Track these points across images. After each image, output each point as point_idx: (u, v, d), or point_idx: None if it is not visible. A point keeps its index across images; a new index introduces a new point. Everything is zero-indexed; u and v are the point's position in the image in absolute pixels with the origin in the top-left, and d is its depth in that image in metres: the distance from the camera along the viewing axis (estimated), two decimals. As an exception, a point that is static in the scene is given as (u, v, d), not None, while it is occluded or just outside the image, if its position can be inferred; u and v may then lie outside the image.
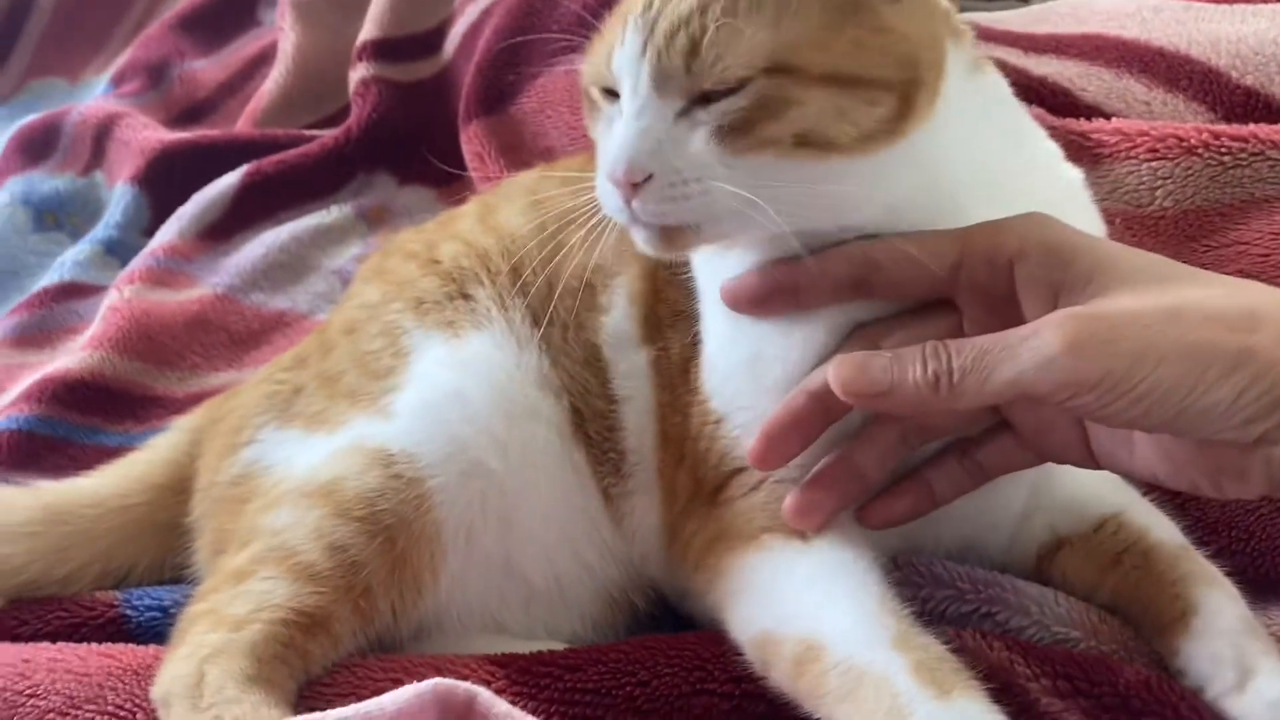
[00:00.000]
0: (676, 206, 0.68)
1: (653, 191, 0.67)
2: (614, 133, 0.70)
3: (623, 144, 0.68)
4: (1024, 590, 0.78)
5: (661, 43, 0.67)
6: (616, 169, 0.67)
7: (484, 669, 0.75)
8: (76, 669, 0.77)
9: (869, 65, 0.67)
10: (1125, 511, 0.80)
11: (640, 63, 0.68)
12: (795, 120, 0.66)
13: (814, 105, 0.66)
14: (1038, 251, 0.68)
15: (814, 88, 0.66)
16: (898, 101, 0.68)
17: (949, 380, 0.64)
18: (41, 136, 1.75)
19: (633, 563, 0.86)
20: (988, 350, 0.64)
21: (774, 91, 0.65)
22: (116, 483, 0.95)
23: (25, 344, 1.38)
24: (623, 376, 0.85)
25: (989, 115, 0.76)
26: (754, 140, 0.66)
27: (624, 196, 0.68)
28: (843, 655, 0.66)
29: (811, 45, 0.66)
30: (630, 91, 0.69)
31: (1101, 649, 0.74)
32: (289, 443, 0.86)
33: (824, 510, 0.74)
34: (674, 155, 0.67)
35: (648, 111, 0.68)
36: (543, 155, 1.45)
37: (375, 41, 1.69)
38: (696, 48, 0.66)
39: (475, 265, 0.90)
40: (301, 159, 1.58)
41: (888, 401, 0.67)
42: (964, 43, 0.76)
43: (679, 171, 0.67)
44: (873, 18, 0.67)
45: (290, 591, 0.76)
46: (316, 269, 1.45)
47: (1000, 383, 0.63)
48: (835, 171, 0.68)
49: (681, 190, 0.67)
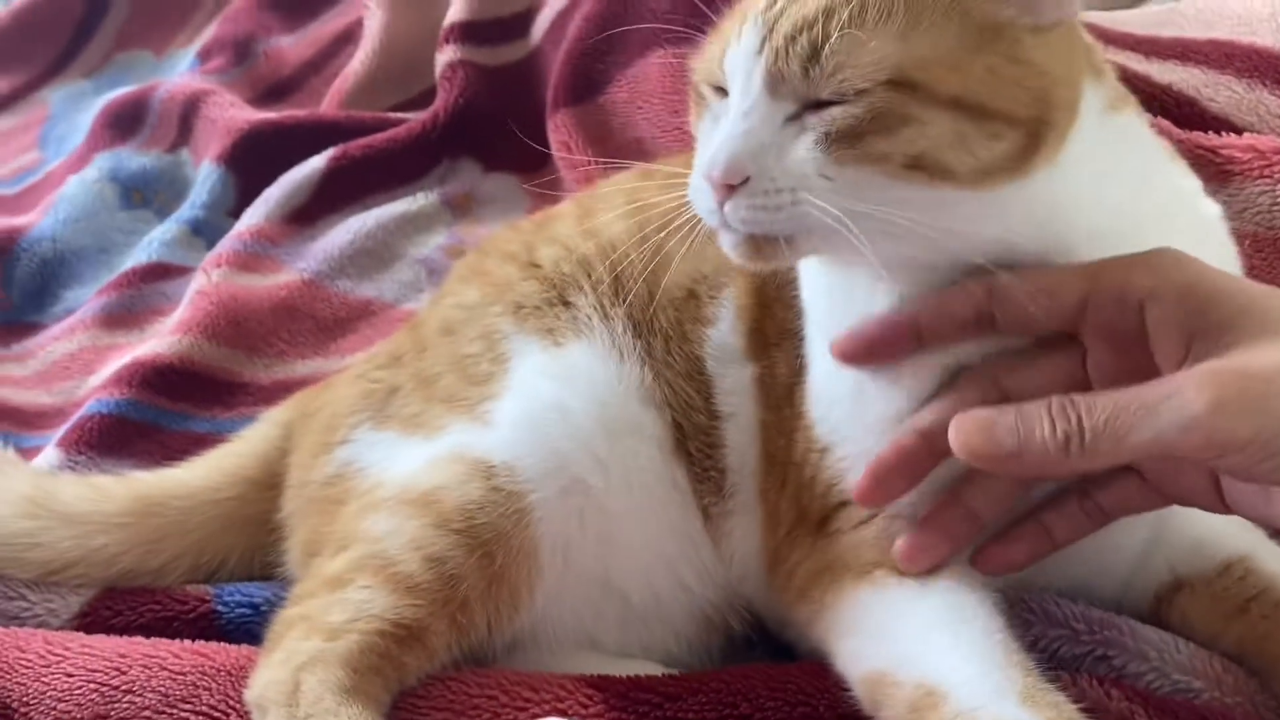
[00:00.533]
0: (767, 216, 0.64)
1: (745, 197, 0.64)
2: (717, 131, 0.67)
3: (724, 143, 0.64)
4: (1142, 634, 0.74)
5: (780, 44, 0.63)
6: (714, 168, 0.64)
7: (582, 691, 0.73)
8: (171, 667, 0.77)
9: (999, 97, 0.63)
10: (1253, 555, 0.76)
11: (755, 61, 0.64)
12: (911, 140, 0.62)
13: (934, 127, 0.62)
14: (1173, 293, 0.64)
15: (936, 108, 0.62)
16: (1024, 139, 0.63)
17: (1080, 441, 0.61)
18: (130, 112, 1.76)
19: (730, 585, 0.84)
20: (1123, 409, 0.60)
21: (892, 105, 0.62)
22: (208, 475, 0.95)
23: (114, 324, 1.39)
24: (726, 392, 0.83)
25: (1122, 160, 0.71)
26: (861, 153, 0.62)
27: (717, 198, 0.65)
28: (966, 705, 0.63)
29: (942, 64, 0.62)
30: (741, 91, 0.65)
31: (1225, 701, 0.71)
32: (384, 444, 0.85)
33: (937, 554, 0.71)
34: (774, 162, 0.64)
35: (756, 112, 0.64)
36: (631, 147, 1.42)
37: (462, 24, 1.67)
38: (816, 54, 0.62)
39: (576, 271, 0.88)
40: (388, 144, 1.57)
41: (1015, 465, 0.64)
42: (1104, 81, 0.71)
43: (774, 180, 0.63)
44: (1013, 47, 0.63)
45: (388, 603, 0.75)
46: (402, 257, 1.44)
47: (1138, 444, 0.60)
48: (945, 201, 0.63)
49: (774, 200, 0.63)
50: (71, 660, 0.78)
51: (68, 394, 1.29)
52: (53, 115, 1.95)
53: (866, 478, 0.71)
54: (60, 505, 0.89)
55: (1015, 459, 0.63)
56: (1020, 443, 0.62)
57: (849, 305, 0.73)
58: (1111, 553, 0.78)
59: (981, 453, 0.63)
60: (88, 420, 1.14)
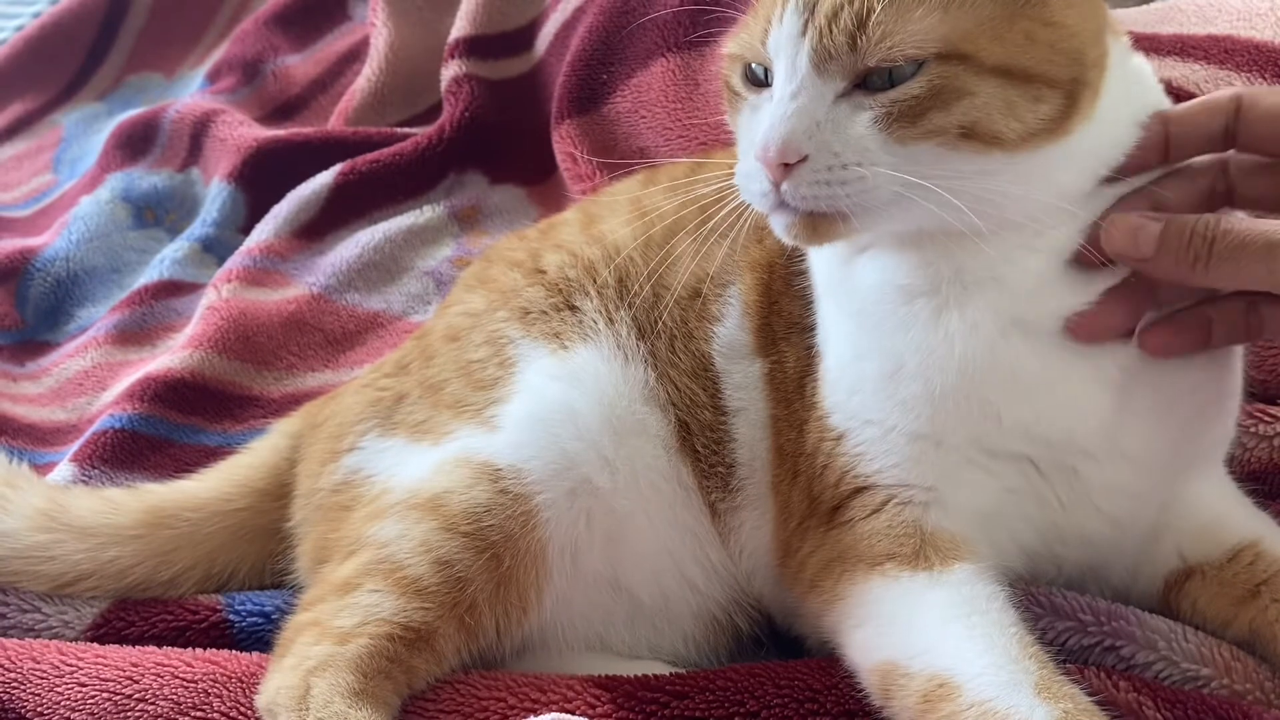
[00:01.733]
0: (832, 191, 0.65)
1: (807, 174, 0.65)
2: (765, 113, 0.67)
3: (776, 123, 0.65)
4: (1150, 624, 0.74)
5: (824, 23, 0.64)
6: (769, 149, 0.65)
7: (589, 691, 0.74)
8: (183, 675, 0.78)
9: (1039, 60, 0.65)
10: (1262, 541, 0.76)
11: (800, 42, 0.65)
12: (965, 110, 0.63)
13: (984, 96, 0.63)
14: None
15: (986, 78, 0.64)
16: (1064, 99, 0.65)
17: (1205, 262, 0.68)
18: (141, 133, 1.78)
19: (738, 582, 0.84)
20: (1249, 241, 0.67)
21: (947, 79, 0.63)
22: (218, 486, 0.96)
23: (126, 341, 1.40)
24: (735, 388, 0.83)
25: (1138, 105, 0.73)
26: (922, 130, 0.64)
27: (773, 179, 0.65)
28: (981, 696, 0.63)
29: (986, 34, 0.63)
30: (787, 72, 0.66)
31: (1235, 689, 0.71)
32: (392, 451, 0.86)
33: (1112, 322, 0.72)
34: (833, 138, 0.64)
35: (806, 91, 0.65)
36: (636, 156, 1.43)
37: (467, 39, 1.68)
38: (863, 25, 0.63)
39: (581, 276, 0.88)
40: (395, 158, 1.58)
41: (1150, 269, 0.70)
42: (1120, 39, 0.73)
43: (838, 155, 0.64)
44: (1043, 10, 0.65)
45: (396, 606, 0.75)
46: (410, 269, 1.45)
47: (1252, 276, 0.67)
48: (995, 166, 0.65)
49: (840, 175, 0.64)
50: (85, 670, 0.79)
51: (81, 410, 1.30)
52: (66, 138, 1.97)
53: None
54: (73, 518, 0.90)
55: (1150, 264, 0.69)
56: (1157, 251, 0.68)
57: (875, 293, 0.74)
58: (1119, 533, 0.77)
59: (1123, 252, 0.69)
60: (100, 435, 1.15)
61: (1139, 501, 0.76)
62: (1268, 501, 0.84)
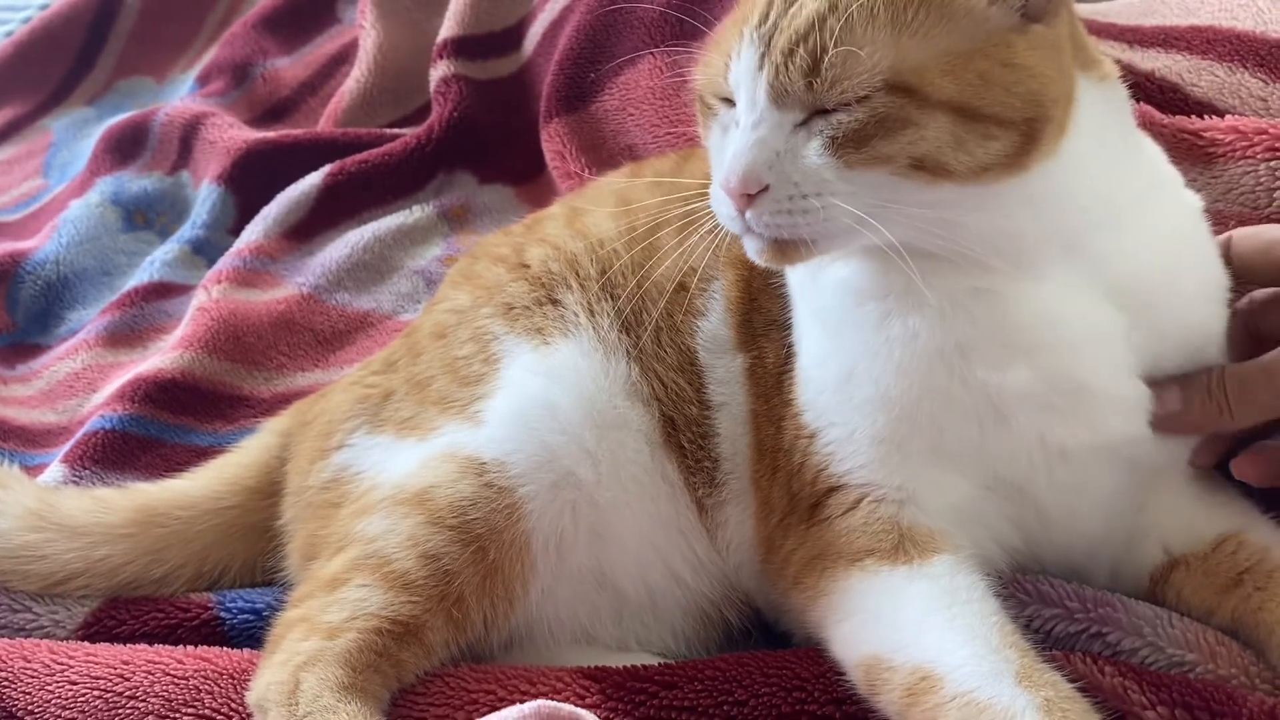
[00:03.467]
0: (793, 220, 0.66)
1: (769, 203, 0.66)
2: (730, 142, 0.68)
3: (738, 154, 0.66)
4: (1136, 610, 0.75)
5: (780, 60, 0.65)
6: (731, 179, 0.66)
7: (578, 682, 0.74)
8: (174, 672, 0.78)
9: (992, 101, 0.64)
10: (1245, 530, 0.77)
11: (757, 77, 0.66)
12: (911, 142, 0.64)
13: (931, 129, 0.64)
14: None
15: (933, 112, 0.64)
16: (1018, 139, 0.65)
17: (1229, 412, 0.74)
18: (130, 136, 1.78)
19: (726, 576, 0.85)
20: (1250, 378, 0.74)
21: (891, 110, 0.63)
22: (209, 485, 0.96)
23: (117, 343, 1.40)
24: (718, 382, 0.84)
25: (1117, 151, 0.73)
26: (868, 155, 0.64)
27: (737, 207, 0.67)
28: (963, 688, 0.64)
29: (935, 68, 0.63)
30: (747, 104, 0.67)
31: (1220, 674, 0.71)
32: (380, 448, 0.86)
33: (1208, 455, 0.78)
34: (792, 168, 0.65)
35: (765, 123, 0.66)
36: (624, 154, 1.43)
37: (455, 39, 1.69)
38: (816, 67, 0.64)
39: (564, 270, 0.89)
40: (383, 158, 1.59)
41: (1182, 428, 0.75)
42: (1094, 72, 0.72)
43: (797, 185, 0.65)
44: (1004, 51, 0.64)
45: (384, 600, 0.76)
46: (400, 269, 1.45)
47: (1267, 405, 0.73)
48: (946, 197, 0.65)
49: (800, 204, 0.65)
50: (75, 668, 0.79)
51: (72, 412, 1.30)
52: (55, 142, 1.97)
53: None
54: (63, 517, 0.90)
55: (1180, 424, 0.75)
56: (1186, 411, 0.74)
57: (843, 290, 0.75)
58: (1099, 537, 0.78)
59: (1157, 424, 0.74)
60: (91, 436, 1.15)
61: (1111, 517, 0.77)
62: (1252, 490, 0.84)
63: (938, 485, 0.75)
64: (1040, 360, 0.71)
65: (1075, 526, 0.78)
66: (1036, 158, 0.66)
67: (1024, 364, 0.71)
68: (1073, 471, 0.74)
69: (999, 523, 0.77)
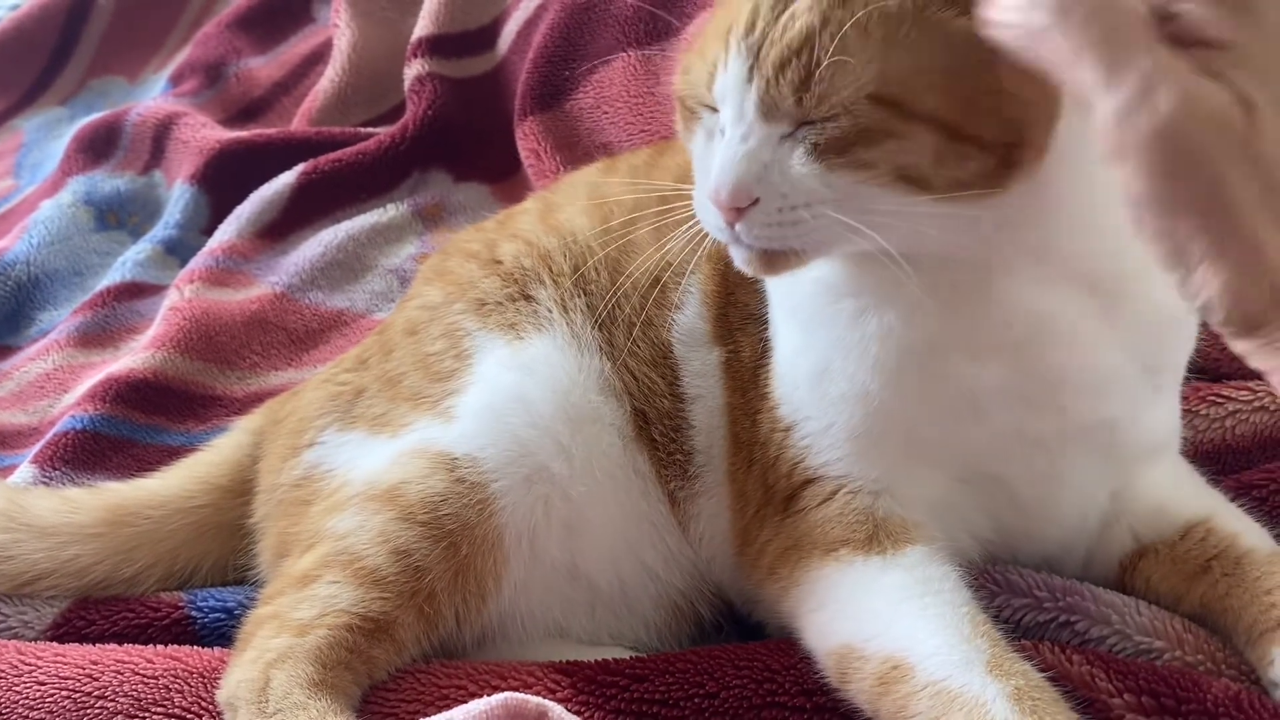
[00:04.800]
0: (783, 232, 0.66)
1: (758, 216, 0.65)
2: (717, 153, 0.67)
3: (727, 166, 0.65)
4: (1104, 598, 0.75)
5: (770, 74, 0.64)
6: (721, 193, 0.65)
7: (550, 677, 0.74)
8: (144, 671, 0.78)
9: (973, 123, 0.64)
10: (1213, 517, 0.77)
11: (746, 89, 0.65)
12: (892, 153, 0.63)
13: (913, 142, 0.63)
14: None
15: (915, 125, 0.63)
16: (996, 161, 0.65)
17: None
18: (103, 136, 1.76)
19: (699, 569, 0.85)
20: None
21: (874, 121, 0.63)
22: (180, 484, 0.95)
23: (88, 343, 1.39)
24: (693, 375, 0.84)
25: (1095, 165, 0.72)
26: (849, 161, 0.64)
27: (726, 219, 0.66)
28: (933, 677, 0.64)
29: (923, 84, 0.63)
30: (734, 116, 0.66)
31: (1187, 660, 0.72)
32: (351, 445, 0.86)
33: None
34: (780, 180, 0.65)
35: (754, 135, 0.65)
36: (599, 151, 1.43)
37: (430, 38, 1.68)
38: (807, 82, 0.63)
39: (537, 265, 0.89)
40: (357, 157, 1.58)
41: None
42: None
43: (786, 198, 0.65)
44: (989, 75, 0.63)
45: (355, 596, 0.76)
46: (374, 268, 1.45)
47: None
48: (930, 208, 0.65)
49: (790, 216, 0.65)
50: (44, 669, 0.78)
51: (43, 413, 1.29)
52: (27, 143, 1.95)
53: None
54: (32, 518, 0.90)
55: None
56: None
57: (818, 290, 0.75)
58: (1072, 528, 0.79)
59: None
60: (62, 437, 1.14)
61: (1086, 506, 0.78)
62: (1221, 477, 0.85)
63: (913, 478, 0.76)
64: (1016, 353, 0.71)
65: (1051, 515, 0.78)
66: (1015, 178, 0.65)
67: (1000, 358, 0.71)
68: (1049, 461, 0.75)
69: (974, 514, 0.77)
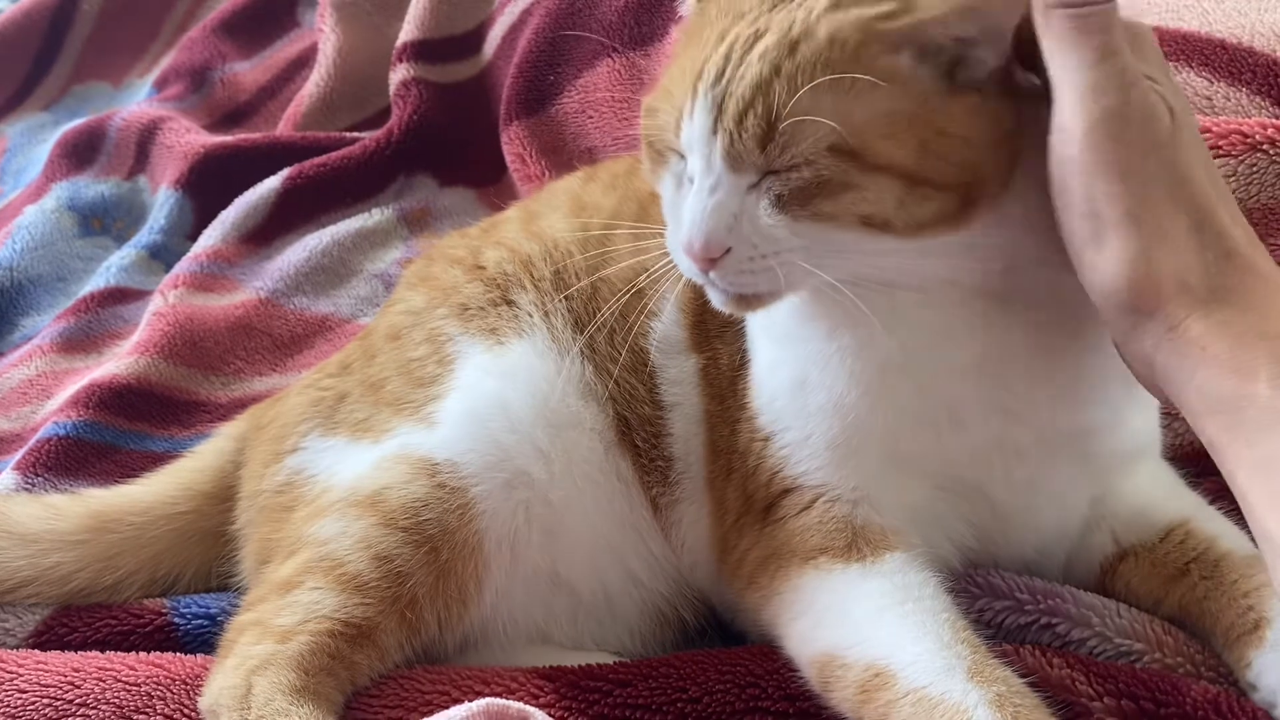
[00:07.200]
0: (755, 279, 0.67)
1: (731, 264, 0.67)
2: (688, 204, 0.68)
3: (699, 219, 0.66)
4: (1084, 601, 0.76)
5: (732, 126, 0.65)
6: (694, 244, 0.67)
7: (533, 682, 0.74)
8: (126, 678, 0.77)
9: (928, 167, 0.64)
10: (1192, 520, 0.78)
11: (712, 142, 0.66)
12: (853, 203, 0.64)
13: (873, 191, 0.64)
14: None
15: (874, 174, 0.64)
16: (955, 200, 0.65)
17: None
18: (86, 141, 1.76)
19: (681, 575, 0.85)
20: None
21: (833, 173, 0.64)
22: (163, 490, 0.95)
23: (72, 349, 1.38)
24: (670, 382, 0.84)
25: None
26: (811, 212, 0.65)
27: (700, 269, 0.68)
28: (915, 684, 0.65)
29: (876, 133, 0.63)
30: (703, 166, 0.67)
31: (1166, 663, 0.72)
32: (333, 450, 0.86)
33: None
34: (750, 230, 0.66)
35: (723, 187, 0.66)
36: (584, 156, 1.44)
37: (415, 43, 1.68)
38: (770, 132, 0.64)
39: (519, 271, 0.89)
40: (343, 162, 1.58)
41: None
42: None
43: (756, 247, 0.66)
44: (940, 117, 0.64)
45: (337, 602, 0.75)
46: (359, 273, 1.45)
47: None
48: (894, 246, 0.66)
49: (761, 264, 0.66)
50: (25, 677, 0.78)
51: (25, 419, 1.28)
52: (10, 148, 1.95)
53: None
54: (13, 525, 0.89)
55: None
56: None
57: None
58: (1052, 534, 0.79)
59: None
60: (44, 443, 1.13)
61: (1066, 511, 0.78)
62: (1201, 479, 0.86)
63: (893, 486, 0.76)
64: (991, 365, 0.72)
65: (1031, 523, 0.78)
66: (976, 215, 0.66)
67: (977, 371, 0.72)
68: (1029, 470, 0.75)
69: (954, 521, 0.77)
